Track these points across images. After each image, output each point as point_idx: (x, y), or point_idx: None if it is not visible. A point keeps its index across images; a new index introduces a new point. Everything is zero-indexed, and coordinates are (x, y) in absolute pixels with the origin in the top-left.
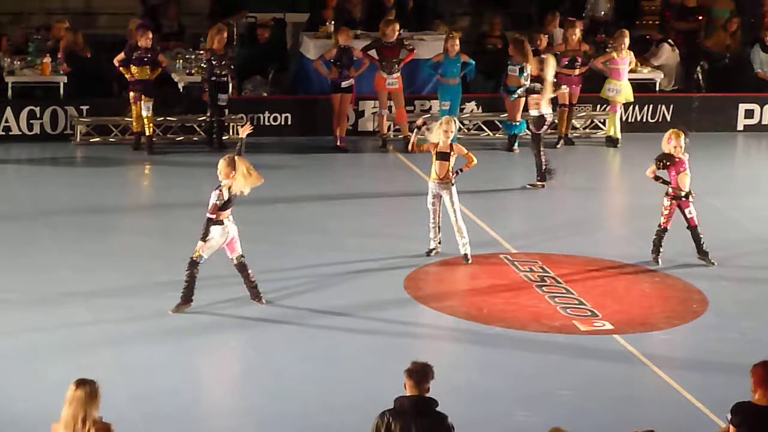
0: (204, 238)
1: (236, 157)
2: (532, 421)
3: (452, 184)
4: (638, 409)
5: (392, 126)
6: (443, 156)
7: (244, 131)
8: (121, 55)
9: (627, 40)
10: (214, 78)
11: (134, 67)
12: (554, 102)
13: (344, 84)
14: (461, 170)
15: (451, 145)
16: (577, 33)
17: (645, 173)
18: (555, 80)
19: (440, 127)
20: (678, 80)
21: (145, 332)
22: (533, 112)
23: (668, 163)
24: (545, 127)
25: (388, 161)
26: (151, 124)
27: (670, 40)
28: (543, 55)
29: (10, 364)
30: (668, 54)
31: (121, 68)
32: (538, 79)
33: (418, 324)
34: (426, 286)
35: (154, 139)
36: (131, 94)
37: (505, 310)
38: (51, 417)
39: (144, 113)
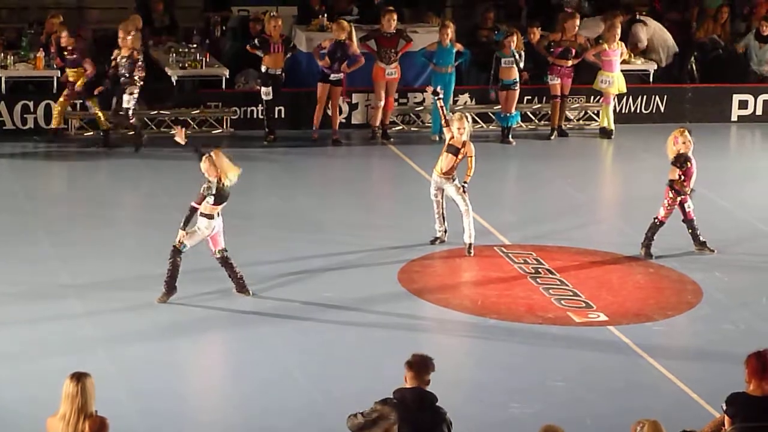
0: (184, 228)
1: (213, 153)
2: (527, 412)
3: (454, 179)
4: (633, 399)
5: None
6: (453, 150)
7: (180, 139)
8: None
9: (618, 32)
10: None
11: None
12: (546, 94)
13: (333, 77)
14: (465, 183)
15: (464, 142)
16: (576, 24)
17: (668, 177)
18: None
19: (454, 123)
20: (669, 55)
21: (137, 325)
22: None
23: (688, 163)
24: None
25: (380, 153)
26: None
27: (637, 16)
28: None
29: (3, 358)
30: (643, 30)
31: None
32: None
33: (412, 316)
34: (420, 279)
35: (66, 133)
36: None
37: (500, 302)
38: (45, 411)
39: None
